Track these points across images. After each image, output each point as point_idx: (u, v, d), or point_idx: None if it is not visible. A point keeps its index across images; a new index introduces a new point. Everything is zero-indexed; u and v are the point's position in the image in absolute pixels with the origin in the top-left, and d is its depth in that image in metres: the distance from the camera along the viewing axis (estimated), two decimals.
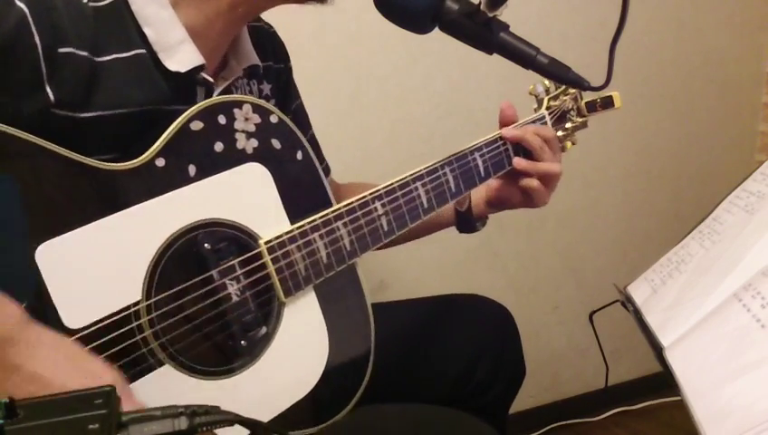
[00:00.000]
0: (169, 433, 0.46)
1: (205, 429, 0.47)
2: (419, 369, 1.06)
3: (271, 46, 0.98)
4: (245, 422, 0.51)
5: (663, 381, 0.75)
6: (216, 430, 0.49)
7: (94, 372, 0.58)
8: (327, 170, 1.10)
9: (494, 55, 0.84)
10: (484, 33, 0.81)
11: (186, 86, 0.79)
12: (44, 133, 0.64)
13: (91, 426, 0.42)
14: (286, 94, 1.01)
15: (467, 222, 1.08)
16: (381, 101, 1.59)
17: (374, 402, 0.87)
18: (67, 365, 0.57)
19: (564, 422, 1.95)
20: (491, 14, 0.79)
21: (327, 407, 0.83)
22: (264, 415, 0.76)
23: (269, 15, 0.94)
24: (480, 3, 0.79)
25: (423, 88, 1.63)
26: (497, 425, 1.07)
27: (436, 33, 0.84)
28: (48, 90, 0.67)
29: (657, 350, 0.79)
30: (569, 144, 1.13)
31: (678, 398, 0.69)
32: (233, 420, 0.49)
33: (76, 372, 0.57)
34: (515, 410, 1.26)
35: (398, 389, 1.01)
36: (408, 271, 1.69)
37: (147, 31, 0.75)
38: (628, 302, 0.96)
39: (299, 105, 1.04)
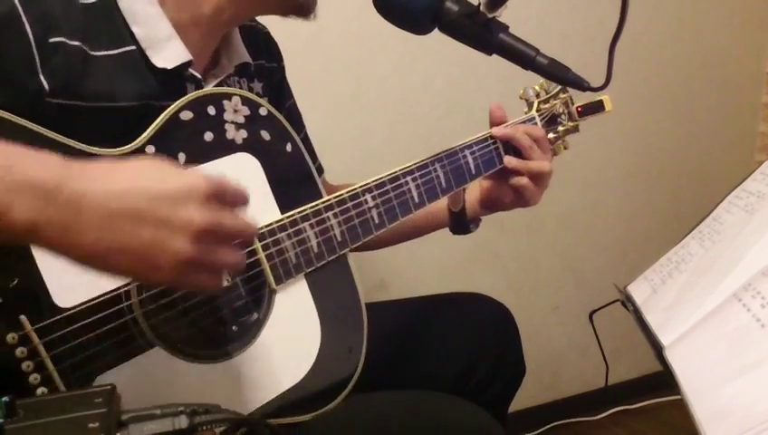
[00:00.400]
0: (169, 432, 0.46)
1: (205, 428, 0.47)
2: (419, 367, 1.06)
3: (264, 45, 0.98)
4: (245, 421, 0.51)
5: (663, 381, 0.75)
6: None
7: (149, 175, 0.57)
8: (320, 170, 1.10)
9: (494, 56, 0.84)
10: (484, 34, 0.81)
11: (175, 83, 0.79)
12: (36, 122, 0.65)
13: (90, 424, 0.42)
14: (279, 93, 1.01)
15: (461, 223, 1.09)
16: (381, 101, 1.59)
17: None
18: (129, 173, 0.56)
19: (564, 421, 1.95)
20: (490, 15, 0.79)
21: (320, 395, 0.83)
22: (255, 401, 0.76)
23: (269, 17, 0.94)
24: (480, 4, 0.79)
25: (423, 88, 1.63)
26: None
27: (437, 33, 0.84)
28: (42, 79, 0.68)
29: (657, 349, 0.79)
30: (561, 148, 1.13)
31: (678, 397, 0.69)
32: (233, 419, 0.50)
33: (139, 173, 0.57)
34: (516, 408, 1.26)
35: (398, 386, 1.01)
36: (408, 271, 1.69)
37: (135, 29, 0.75)
38: (628, 301, 0.96)
39: (292, 105, 1.05)
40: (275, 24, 1.00)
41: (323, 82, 1.52)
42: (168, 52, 0.77)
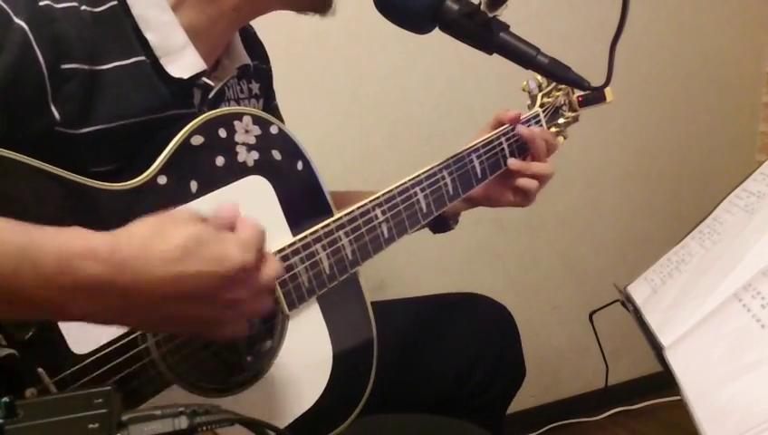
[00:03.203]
0: (169, 433, 0.46)
1: (205, 428, 0.47)
2: (418, 368, 1.06)
3: (256, 46, 0.98)
4: (245, 421, 0.51)
5: (663, 381, 0.75)
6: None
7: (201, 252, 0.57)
8: None
9: (494, 55, 0.84)
10: (485, 34, 0.81)
11: (183, 90, 0.78)
12: (46, 150, 0.64)
13: (90, 425, 0.42)
14: (268, 96, 1.01)
15: (440, 220, 1.08)
16: (381, 101, 1.59)
17: (373, 401, 0.87)
18: (175, 255, 0.56)
19: (564, 422, 1.95)
20: (491, 15, 0.79)
21: (330, 418, 0.83)
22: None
23: (270, 17, 0.94)
24: (480, 3, 0.79)
25: (423, 88, 1.63)
26: (495, 425, 1.07)
27: (437, 33, 0.84)
28: (53, 109, 0.66)
29: (657, 350, 0.79)
30: (561, 139, 1.13)
31: (678, 398, 0.69)
32: (232, 419, 0.49)
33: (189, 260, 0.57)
34: (515, 409, 1.26)
35: (397, 388, 1.01)
36: (408, 271, 1.69)
37: (149, 36, 0.74)
38: (628, 302, 0.96)
39: (275, 107, 1.04)
40: (276, 24, 1.00)
41: (323, 82, 1.52)
42: (183, 61, 0.76)
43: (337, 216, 0.83)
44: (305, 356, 0.81)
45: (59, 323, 0.62)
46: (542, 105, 1.09)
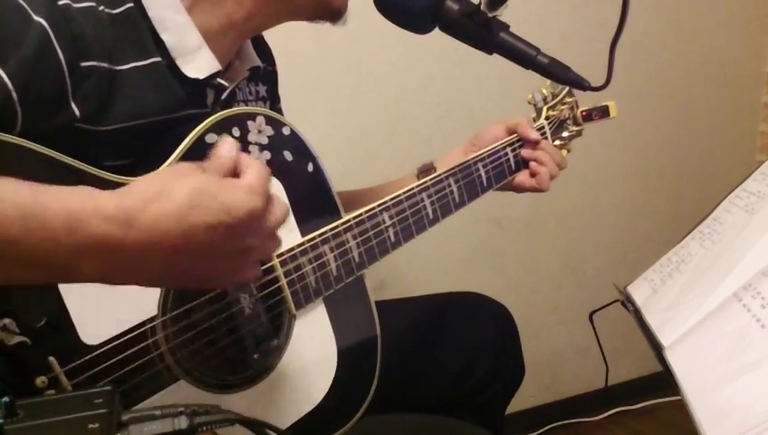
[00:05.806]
0: (169, 432, 0.46)
1: (205, 428, 0.47)
2: (419, 367, 1.06)
3: (264, 48, 0.98)
4: (245, 422, 0.51)
5: (663, 381, 0.75)
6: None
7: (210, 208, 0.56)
8: None
9: (495, 55, 0.84)
10: (484, 34, 0.81)
11: (198, 90, 0.79)
12: (65, 144, 0.64)
13: (91, 425, 0.42)
14: (273, 98, 1.01)
15: None
16: (381, 101, 1.59)
17: (373, 401, 0.87)
18: (185, 206, 0.55)
19: (564, 422, 1.95)
20: (491, 15, 0.79)
21: (333, 418, 0.83)
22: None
23: None
24: (480, 3, 0.79)
25: (423, 88, 1.63)
26: (494, 425, 1.07)
27: (437, 33, 0.84)
28: (73, 105, 0.67)
29: (657, 350, 0.79)
30: (564, 153, 1.14)
31: (678, 398, 0.69)
32: (232, 419, 0.50)
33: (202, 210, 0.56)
34: (515, 409, 1.26)
35: (398, 387, 1.01)
36: (408, 271, 1.69)
37: (164, 37, 0.74)
38: (628, 302, 0.96)
39: (279, 110, 1.05)
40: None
41: (323, 82, 1.52)
42: (199, 61, 0.77)
43: (345, 218, 0.84)
44: (310, 356, 0.82)
45: (70, 313, 0.63)
46: (547, 118, 1.10)
